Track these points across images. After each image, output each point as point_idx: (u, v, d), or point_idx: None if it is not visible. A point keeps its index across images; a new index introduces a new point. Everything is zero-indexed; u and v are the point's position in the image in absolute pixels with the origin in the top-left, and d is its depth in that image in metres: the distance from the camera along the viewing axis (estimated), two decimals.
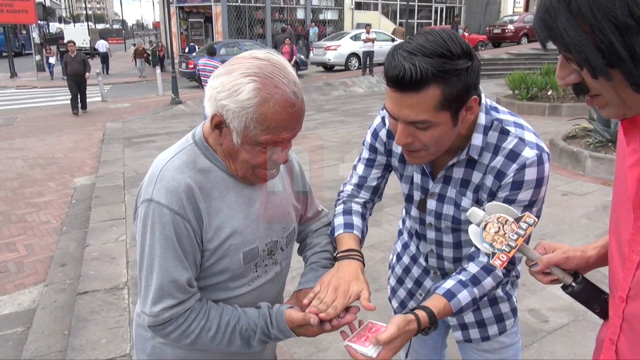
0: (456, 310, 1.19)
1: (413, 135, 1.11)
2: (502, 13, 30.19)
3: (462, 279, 1.22)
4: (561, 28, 0.68)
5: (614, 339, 0.87)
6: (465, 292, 1.19)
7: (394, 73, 1.03)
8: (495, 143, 1.21)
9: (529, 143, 1.19)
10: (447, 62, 1.01)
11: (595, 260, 1.06)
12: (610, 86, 0.70)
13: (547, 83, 10.37)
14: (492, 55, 18.28)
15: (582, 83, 0.75)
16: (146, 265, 1.10)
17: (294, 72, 1.10)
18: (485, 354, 1.51)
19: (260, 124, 1.05)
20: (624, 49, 0.64)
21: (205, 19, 25.90)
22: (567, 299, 3.31)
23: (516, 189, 1.18)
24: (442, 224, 1.36)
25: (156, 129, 10.35)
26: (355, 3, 26.22)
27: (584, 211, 4.79)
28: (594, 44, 0.66)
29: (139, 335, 1.28)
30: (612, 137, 6.23)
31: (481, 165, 1.23)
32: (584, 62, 0.68)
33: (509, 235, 1.05)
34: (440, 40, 1.03)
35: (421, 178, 1.34)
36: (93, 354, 2.89)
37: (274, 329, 1.16)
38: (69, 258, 4.38)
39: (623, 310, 0.84)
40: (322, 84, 15.51)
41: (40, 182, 6.83)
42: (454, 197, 1.30)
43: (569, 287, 1.05)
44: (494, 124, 1.21)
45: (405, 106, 1.06)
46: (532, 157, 1.17)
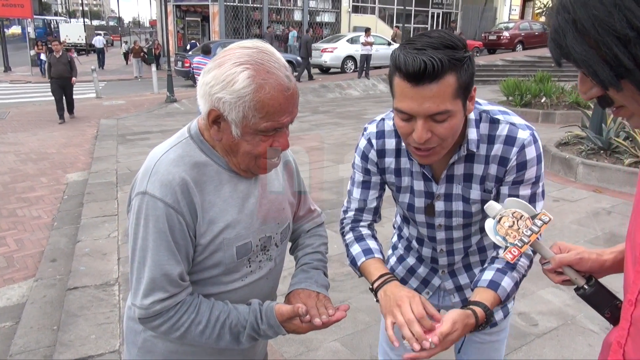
0: (504, 299, 1.22)
1: (431, 130, 1.13)
2: (497, 20, 30.37)
3: (499, 267, 1.26)
4: (570, 46, 0.71)
5: (621, 342, 0.88)
6: (507, 279, 1.23)
7: (415, 68, 1.05)
8: (488, 133, 1.26)
9: (520, 125, 1.26)
10: (455, 52, 1.08)
11: (611, 265, 1.07)
12: (630, 96, 0.72)
13: (541, 90, 10.46)
14: (487, 62, 18.38)
15: (606, 95, 0.77)
16: (138, 257, 1.10)
17: (282, 57, 1.10)
18: (484, 336, 1.54)
19: (259, 111, 1.05)
20: (629, 59, 0.66)
21: (203, 18, 25.85)
22: (556, 304, 3.35)
23: (522, 170, 1.24)
24: (454, 222, 1.38)
25: (150, 126, 10.31)
26: (352, 6, 26.28)
27: (575, 217, 4.83)
28: (601, 57, 0.68)
29: (130, 328, 1.27)
30: (603, 145, 6.29)
31: (480, 157, 1.28)
32: (593, 76, 0.71)
33: (522, 230, 1.08)
34: (443, 35, 1.09)
35: (424, 184, 1.35)
36: (82, 349, 2.88)
37: (263, 324, 1.16)
38: (59, 253, 4.35)
39: (632, 313, 0.84)
40: (317, 86, 15.53)
41: (32, 177, 6.79)
42: (461, 193, 1.32)
43: (581, 289, 1.05)
44: (483, 116, 1.27)
45: (426, 99, 1.08)
46: (528, 137, 1.24)
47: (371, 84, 16.05)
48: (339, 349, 2.84)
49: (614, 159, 6.10)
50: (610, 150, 6.26)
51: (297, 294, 1.27)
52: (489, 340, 1.55)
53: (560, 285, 3.68)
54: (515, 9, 32.92)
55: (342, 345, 2.87)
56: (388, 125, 1.36)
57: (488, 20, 30.30)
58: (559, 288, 3.49)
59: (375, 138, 1.37)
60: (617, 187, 5.63)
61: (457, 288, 1.52)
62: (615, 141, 6.21)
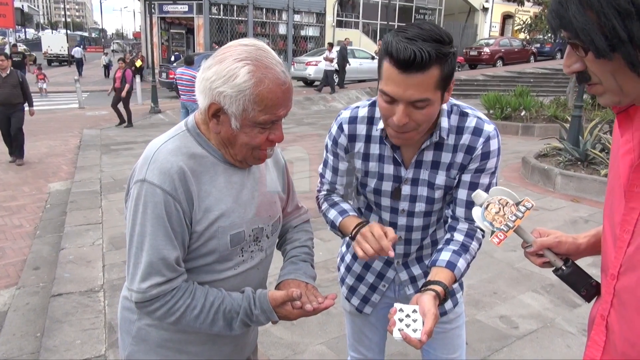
0: (458, 278, 1.35)
1: (409, 115, 1.23)
2: (478, 36, 31.05)
3: (454, 249, 1.38)
4: (571, 16, 0.80)
5: (604, 314, 0.96)
6: (462, 260, 1.36)
7: (405, 56, 1.14)
8: (457, 125, 1.38)
9: (485, 120, 1.39)
10: (442, 46, 1.16)
11: (585, 248, 1.16)
12: (610, 72, 0.82)
13: (521, 104, 10.73)
14: (469, 76, 18.75)
15: (585, 72, 0.86)
16: (136, 243, 1.14)
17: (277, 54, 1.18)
18: (444, 325, 1.63)
19: (258, 104, 1.12)
20: (624, 31, 0.75)
21: (187, 30, 25.91)
22: (536, 307, 3.43)
23: (485, 159, 1.37)
24: (417, 207, 1.47)
25: (134, 136, 10.26)
26: (336, 21, 26.63)
27: (554, 225, 4.96)
28: (599, 28, 0.77)
29: (125, 317, 1.30)
30: (581, 156, 6.49)
31: (448, 146, 1.39)
32: (590, 44, 0.80)
33: (508, 216, 1.16)
34: (434, 29, 1.18)
35: (393, 168, 1.45)
36: (67, 354, 2.86)
37: (256, 309, 1.20)
38: (42, 261, 4.31)
39: (614, 286, 0.93)
40: (302, 98, 15.65)
41: (13, 186, 6.70)
42: (427, 179, 1.42)
43: (559, 270, 1.14)
44: (454, 109, 1.39)
45: (410, 86, 1.18)
46: (492, 130, 1.38)
47: (355, 96, 16.23)
48: (325, 352, 2.87)
49: (590, 170, 6.29)
50: (587, 161, 6.45)
51: (287, 283, 1.32)
52: (450, 329, 1.64)
53: (539, 290, 3.76)
54: (496, 26, 33.71)
55: (328, 349, 2.90)
56: (362, 112, 1.46)
57: (469, 36, 30.98)
58: (539, 292, 3.59)
59: (347, 123, 1.47)
60: (594, 196, 5.80)
61: (412, 279, 1.60)
62: (592, 153, 6.41)
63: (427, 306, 1.17)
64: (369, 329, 1.74)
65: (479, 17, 32.62)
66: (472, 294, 3.56)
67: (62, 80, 24.15)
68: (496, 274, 3.90)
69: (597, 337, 0.97)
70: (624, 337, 0.91)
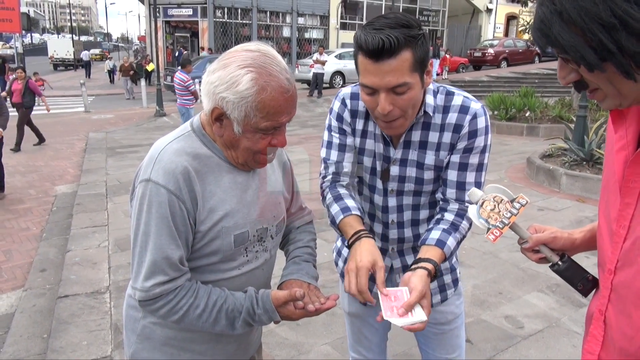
0: (448, 256, 1.36)
1: (393, 103, 1.25)
2: (482, 37, 30.97)
3: (444, 227, 1.38)
4: (556, 34, 0.78)
5: (602, 309, 0.97)
6: (451, 238, 1.37)
7: (374, 45, 1.18)
8: (444, 104, 1.40)
9: (472, 99, 1.41)
10: (410, 30, 1.20)
11: (580, 243, 1.17)
12: (606, 79, 0.81)
13: (525, 104, 10.70)
14: (473, 78, 18.74)
15: (582, 80, 0.85)
16: (140, 242, 1.15)
17: (284, 60, 1.18)
18: (442, 326, 1.62)
19: (260, 111, 1.13)
20: (612, 44, 0.74)
21: (192, 33, 26.04)
22: (542, 307, 3.42)
23: (472, 137, 1.38)
24: (405, 187, 1.46)
25: (139, 140, 10.31)
26: (340, 23, 26.67)
27: (559, 225, 4.93)
28: (586, 43, 0.76)
29: (130, 316, 1.31)
30: (586, 156, 6.46)
31: (435, 126, 1.40)
32: (580, 59, 0.78)
33: (503, 213, 1.17)
34: (399, 16, 1.22)
35: (383, 148, 1.45)
36: (74, 355, 2.88)
37: (259, 308, 1.21)
38: (48, 264, 4.34)
39: (611, 281, 0.93)
40: (306, 100, 15.68)
41: (20, 190, 6.75)
42: (416, 159, 1.43)
43: (555, 265, 1.14)
44: (440, 89, 1.42)
45: (386, 73, 1.21)
46: (479, 108, 1.39)
47: None
48: (330, 352, 2.87)
49: (596, 170, 6.26)
50: (592, 161, 6.42)
51: (290, 283, 1.33)
52: (448, 329, 1.64)
53: (545, 290, 3.75)
54: (500, 27, 33.63)
55: (333, 349, 2.90)
56: None
57: (473, 37, 30.90)
58: (544, 292, 3.58)
59: (350, 99, 1.48)
60: (599, 196, 5.77)
61: (404, 267, 1.57)
62: (597, 152, 6.38)
63: (414, 284, 1.21)
64: (367, 329, 1.73)
65: (483, 18, 32.55)
66: (477, 294, 3.55)
67: (68, 85, 24.31)
68: (502, 274, 3.89)
69: (596, 332, 0.98)
70: (621, 331, 0.91)
